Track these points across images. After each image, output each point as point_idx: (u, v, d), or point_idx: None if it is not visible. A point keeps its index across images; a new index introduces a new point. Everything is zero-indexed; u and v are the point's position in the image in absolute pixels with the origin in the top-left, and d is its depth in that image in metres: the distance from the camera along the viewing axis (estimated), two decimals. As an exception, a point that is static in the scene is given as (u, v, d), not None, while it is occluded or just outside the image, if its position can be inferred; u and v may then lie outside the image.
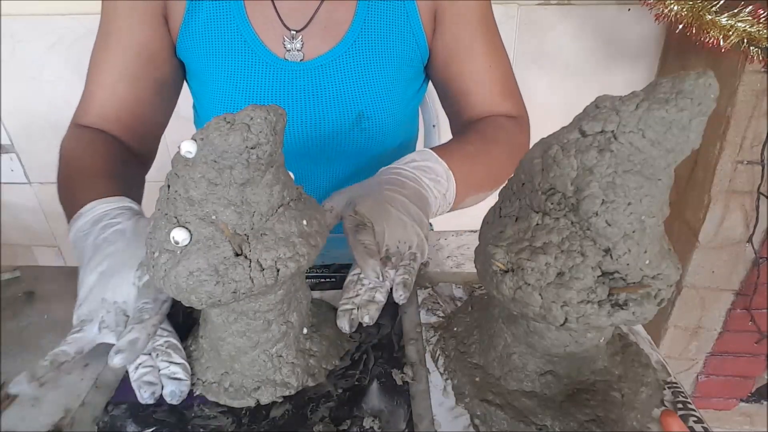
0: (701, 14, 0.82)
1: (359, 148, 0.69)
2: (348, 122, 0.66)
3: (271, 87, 0.65)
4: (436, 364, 0.47)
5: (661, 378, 0.44)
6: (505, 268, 0.35)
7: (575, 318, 0.33)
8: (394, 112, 0.68)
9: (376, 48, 0.65)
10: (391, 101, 0.67)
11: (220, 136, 0.33)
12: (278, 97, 0.65)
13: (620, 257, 0.32)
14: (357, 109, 0.66)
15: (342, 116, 0.66)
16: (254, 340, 0.43)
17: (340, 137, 0.68)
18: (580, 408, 0.39)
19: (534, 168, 0.35)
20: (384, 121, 0.68)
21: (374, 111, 0.66)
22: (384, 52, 0.65)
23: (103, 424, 0.42)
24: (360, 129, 0.67)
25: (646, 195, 0.31)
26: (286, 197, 0.39)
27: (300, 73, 0.65)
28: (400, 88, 0.69)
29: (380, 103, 0.67)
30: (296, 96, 0.65)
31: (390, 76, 0.66)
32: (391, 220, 0.49)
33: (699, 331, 1.25)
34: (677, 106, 0.29)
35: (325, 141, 0.68)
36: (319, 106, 0.66)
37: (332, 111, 0.66)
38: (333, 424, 0.41)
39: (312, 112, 0.66)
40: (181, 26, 0.65)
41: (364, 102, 0.66)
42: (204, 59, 0.66)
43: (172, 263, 0.37)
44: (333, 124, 0.66)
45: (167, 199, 0.38)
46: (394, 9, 0.65)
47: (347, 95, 0.65)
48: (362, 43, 0.64)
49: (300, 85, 0.65)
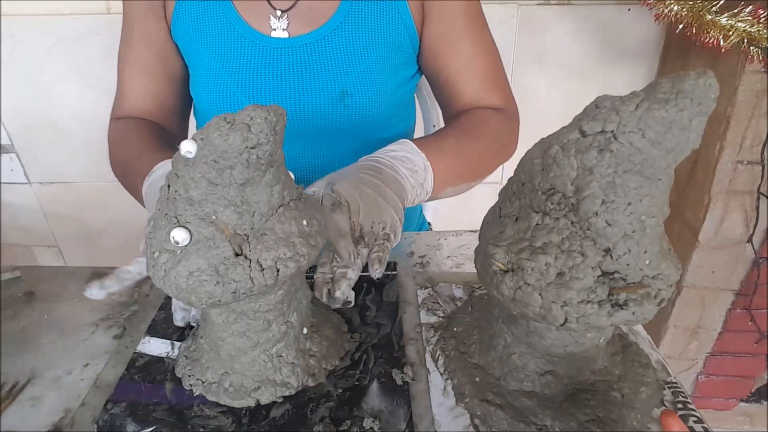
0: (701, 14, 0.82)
1: (343, 124, 0.70)
2: (332, 98, 0.68)
3: (257, 64, 0.67)
4: (436, 364, 0.47)
5: (661, 378, 0.44)
6: (505, 268, 0.35)
7: (575, 318, 0.33)
8: (379, 92, 0.70)
9: (362, 30, 0.67)
10: (377, 82, 0.69)
11: (220, 136, 0.33)
12: (264, 74, 0.67)
13: (620, 257, 0.32)
14: (340, 87, 0.68)
15: (326, 93, 0.68)
16: (254, 340, 0.43)
17: (324, 113, 0.69)
18: (580, 408, 0.39)
19: (534, 168, 0.35)
20: (369, 99, 0.69)
21: (358, 88, 0.68)
22: (370, 34, 0.67)
23: (103, 422, 0.42)
24: (344, 105, 0.69)
25: (646, 195, 0.31)
26: (286, 197, 0.39)
27: (285, 50, 0.67)
28: (387, 72, 0.70)
29: (364, 82, 0.68)
30: (281, 72, 0.68)
31: (376, 59, 0.68)
32: (367, 201, 0.50)
33: (699, 331, 1.25)
34: (677, 106, 0.29)
35: (310, 117, 0.70)
36: (303, 83, 0.68)
37: (316, 87, 0.68)
38: (333, 424, 0.41)
39: (297, 89, 0.68)
40: (173, 14, 0.68)
41: (348, 80, 0.68)
42: (193, 43, 0.69)
43: (172, 263, 0.37)
44: (317, 100, 0.68)
45: (167, 199, 0.38)
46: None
47: (331, 73, 0.67)
48: (349, 23, 0.67)
49: (285, 62, 0.67)
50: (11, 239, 1.51)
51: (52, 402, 0.45)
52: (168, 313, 0.54)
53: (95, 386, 0.46)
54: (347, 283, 0.46)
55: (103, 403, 0.44)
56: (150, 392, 0.45)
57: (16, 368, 0.48)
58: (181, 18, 0.68)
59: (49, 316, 0.55)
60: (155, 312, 0.54)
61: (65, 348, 0.51)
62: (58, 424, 0.43)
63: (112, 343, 0.51)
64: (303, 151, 0.73)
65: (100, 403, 0.44)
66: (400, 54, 0.71)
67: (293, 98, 0.68)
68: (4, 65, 1.22)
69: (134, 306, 0.56)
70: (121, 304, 0.57)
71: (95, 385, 0.46)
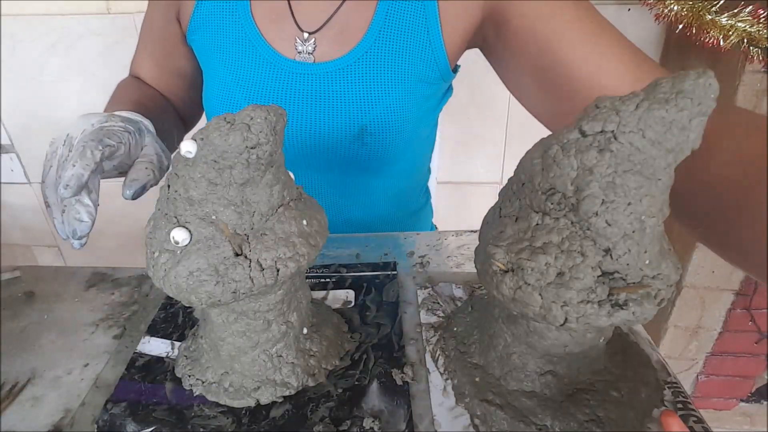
0: (701, 14, 0.82)
1: (361, 162, 0.67)
2: (350, 135, 0.64)
3: (274, 87, 0.64)
4: (436, 364, 0.47)
5: (661, 378, 0.44)
6: (505, 268, 0.35)
7: (575, 318, 0.33)
8: (401, 130, 0.65)
9: (389, 60, 0.62)
10: (398, 119, 0.64)
11: (220, 136, 0.34)
12: (281, 98, 0.64)
13: (620, 257, 0.32)
14: (360, 123, 0.63)
15: (344, 128, 0.64)
16: (254, 340, 0.43)
17: (341, 148, 0.66)
18: (580, 408, 0.39)
19: (534, 168, 0.35)
20: (389, 138, 0.65)
21: (378, 128, 0.64)
22: (397, 66, 0.62)
23: (103, 423, 0.42)
24: (362, 143, 0.65)
25: (646, 195, 0.31)
26: (286, 197, 0.39)
27: (306, 76, 0.63)
28: (410, 106, 0.65)
29: (385, 121, 0.64)
30: (300, 99, 0.64)
31: (399, 93, 0.63)
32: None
33: (699, 331, 1.25)
34: (677, 106, 0.29)
35: (327, 149, 0.66)
36: (321, 113, 0.64)
37: (335, 120, 0.64)
38: (333, 424, 0.41)
39: (315, 118, 0.64)
40: (189, 21, 0.66)
41: (368, 117, 0.63)
42: (209, 55, 0.66)
43: (172, 263, 0.37)
44: (335, 133, 0.64)
45: (167, 199, 0.38)
46: (414, 20, 0.61)
47: (352, 107, 0.63)
48: (376, 53, 0.62)
49: (305, 89, 0.63)
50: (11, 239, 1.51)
51: (52, 402, 0.45)
52: (168, 313, 0.54)
53: (95, 386, 0.46)
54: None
55: (103, 403, 0.44)
56: (150, 392, 0.45)
57: (16, 368, 0.48)
58: (198, 26, 0.66)
59: (49, 316, 0.55)
60: (155, 312, 0.54)
61: (65, 348, 0.51)
62: (58, 424, 0.43)
63: (112, 343, 0.51)
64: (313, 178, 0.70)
65: (100, 403, 0.44)
66: (427, 87, 0.65)
67: (310, 128, 0.64)
68: (4, 65, 1.22)
69: (134, 306, 0.56)
70: (121, 304, 0.57)
71: (95, 385, 0.46)
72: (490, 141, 1.35)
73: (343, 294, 0.56)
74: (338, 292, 0.56)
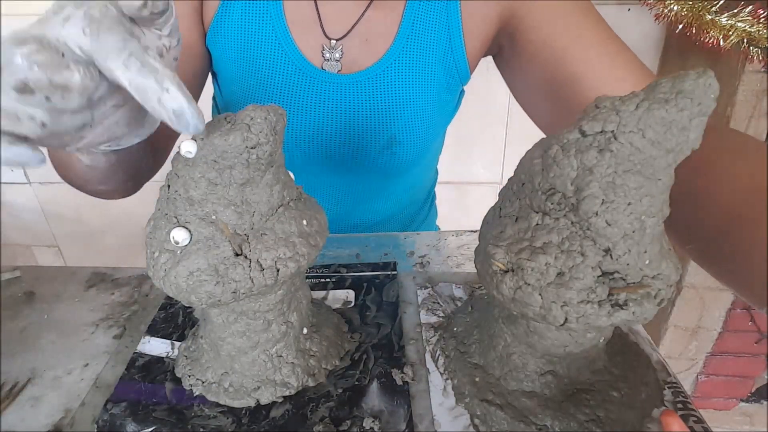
0: (701, 14, 0.82)
1: (388, 170, 0.67)
2: (379, 144, 0.64)
3: (303, 96, 0.62)
4: (436, 364, 0.47)
5: (661, 378, 0.44)
6: (505, 268, 0.35)
7: (575, 318, 0.33)
8: (426, 137, 0.66)
9: (415, 68, 0.62)
10: (425, 126, 0.65)
11: (220, 136, 0.34)
12: (309, 108, 0.62)
13: (620, 257, 0.32)
14: (389, 132, 0.63)
15: (373, 137, 0.64)
16: (254, 340, 0.43)
17: (369, 159, 0.65)
18: (580, 408, 0.39)
19: (534, 168, 0.35)
20: (416, 146, 0.65)
21: (406, 136, 0.64)
22: (422, 73, 0.62)
23: (103, 423, 0.42)
24: (391, 153, 0.64)
25: (646, 195, 0.31)
26: (286, 197, 0.39)
27: (336, 86, 0.62)
28: (435, 112, 0.65)
29: (413, 128, 0.64)
30: (329, 109, 0.63)
31: (425, 100, 0.63)
32: None
33: (699, 331, 1.25)
34: (677, 106, 0.29)
35: (354, 159, 0.66)
36: (351, 123, 0.63)
37: (364, 130, 0.63)
38: (333, 424, 0.41)
39: (344, 128, 0.63)
40: (212, 21, 0.61)
41: (397, 125, 0.63)
42: (234, 58, 0.63)
43: (172, 263, 0.37)
44: (363, 143, 0.64)
45: (167, 199, 0.38)
46: (438, 28, 0.61)
47: (381, 116, 0.63)
48: (402, 61, 0.61)
49: (334, 99, 0.62)
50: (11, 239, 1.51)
51: (52, 402, 0.45)
52: (168, 313, 0.54)
53: (95, 386, 0.46)
54: None
55: (103, 403, 0.44)
56: (150, 392, 0.45)
57: (16, 368, 0.48)
58: (222, 27, 0.61)
59: (49, 316, 0.55)
60: (155, 312, 0.54)
61: (65, 348, 0.51)
62: (58, 424, 0.43)
63: (112, 343, 0.51)
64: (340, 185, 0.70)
65: (100, 403, 0.44)
66: (448, 93, 0.66)
67: (338, 139, 0.64)
68: (4, 65, 1.22)
69: (134, 306, 0.56)
70: (121, 304, 0.57)
71: (95, 385, 0.46)
72: (490, 141, 1.35)
73: (343, 294, 0.56)
74: (338, 292, 0.56)
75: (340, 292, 0.56)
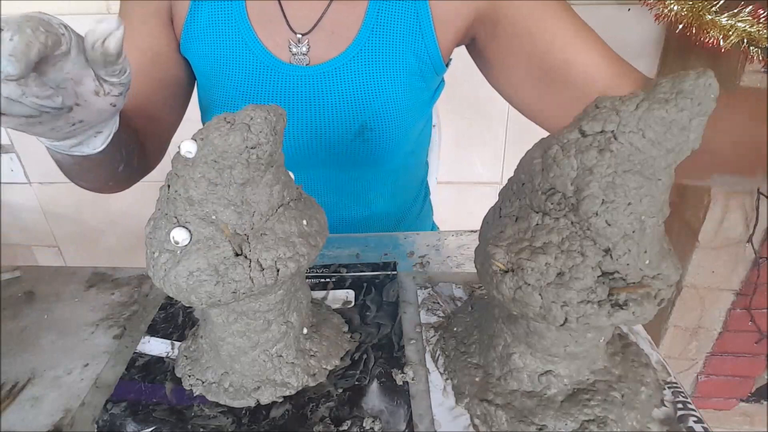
0: (701, 14, 0.82)
1: (361, 158, 0.68)
2: (351, 132, 0.65)
3: (273, 91, 0.64)
4: (436, 364, 0.47)
5: (661, 378, 0.44)
6: (505, 268, 0.35)
7: (575, 318, 0.33)
8: (400, 124, 0.66)
9: (384, 57, 0.63)
10: (397, 113, 0.65)
11: (220, 136, 0.34)
12: (281, 102, 0.64)
13: (620, 257, 0.32)
14: (360, 120, 0.64)
15: (345, 126, 0.65)
16: (254, 340, 0.43)
17: (341, 147, 0.66)
18: (580, 408, 0.39)
19: (534, 168, 0.35)
20: (388, 133, 0.66)
21: (378, 123, 0.65)
22: (392, 61, 0.63)
23: (103, 423, 0.42)
24: (363, 140, 0.65)
25: (646, 195, 0.31)
26: (286, 197, 0.39)
27: (304, 78, 0.63)
28: (407, 100, 0.66)
29: (384, 115, 0.65)
30: (299, 101, 0.64)
31: (396, 88, 0.64)
32: None
33: (699, 331, 1.25)
34: (677, 106, 0.29)
35: (327, 149, 0.67)
36: (322, 114, 0.64)
37: (335, 119, 0.65)
38: (333, 424, 0.41)
39: (314, 119, 0.65)
40: (183, 26, 0.64)
41: (367, 113, 0.64)
42: (206, 60, 0.65)
43: (172, 263, 0.37)
44: (335, 132, 0.65)
45: (167, 199, 0.38)
46: (406, 18, 0.62)
47: (351, 105, 0.64)
48: (370, 49, 0.63)
49: (303, 91, 0.64)
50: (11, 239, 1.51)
51: (52, 402, 0.45)
52: (168, 313, 0.54)
53: (95, 386, 0.46)
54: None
55: (103, 403, 0.44)
56: (150, 392, 0.45)
57: (16, 368, 0.48)
58: (192, 31, 0.64)
59: (49, 316, 0.55)
60: (155, 312, 0.54)
61: (65, 348, 0.51)
62: (58, 424, 0.43)
63: (112, 343, 0.51)
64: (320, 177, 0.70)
65: (100, 403, 0.44)
66: (421, 80, 0.67)
67: (310, 130, 0.65)
68: (4, 65, 1.22)
69: (134, 306, 0.56)
70: (121, 304, 0.57)
71: (95, 385, 0.46)
72: (490, 141, 1.35)
73: (343, 294, 0.56)
74: (338, 292, 0.56)
75: (340, 292, 0.56)
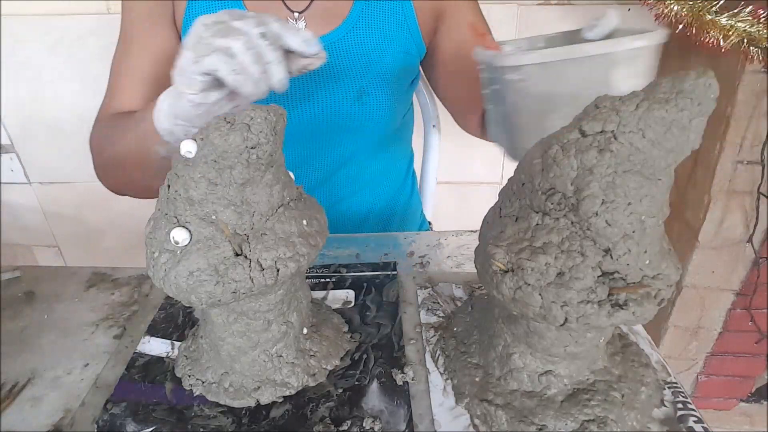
0: (701, 14, 0.82)
1: (359, 124, 0.71)
2: (349, 99, 0.69)
3: None
4: (436, 364, 0.47)
5: (661, 378, 0.44)
6: (505, 268, 0.35)
7: (575, 318, 0.33)
8: (393, 91, 0.71)
9: (375, 32, 0.68)
10: (392, 81, 0.70)
11: (220, 136, 0.34)
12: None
13: (620, 257, 0.32)
14: (358, 87, 0.69)
15: (344, 93, 0.69)
16: (254, 340, 0.43)
17: (341, 114, 0.70)
18: (580, 408, 0.39)
19: (534, 168, 0.35)
20: (384, 98, 0.71)
21: (375, 88, 0.69)
22: (383, 37, 0.68)
23: (103, 423, 0.42)
24: (360, 104, 0.70)
25: (646, 195, 0.31)
26: (286, 197, 0.39)
27: None
28: (398, 72, 0.71)
29: (381, 82, 0.69)
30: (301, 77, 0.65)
31: (389, 61, 0.69)
32: None
33: (699, 331, 1.25)
34: (677, 106, 0.29)
35: (328, 118, 0.70)
36: (322, 85, 0.68)
37: (335, 88, 0.68)
38: (333, 424, 0.41)
39: (316, 90, 0.68)
40: (183, 18, 0.66)
41: (365, 80, 0.68)
42: None
43: (172, 263, 0.37)
44: (336, 100, 0.69)
45: (167, 199, 0.38)
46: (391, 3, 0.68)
47: (349, 74, 0.68)
48: (362, 26, 0.67)
49: None
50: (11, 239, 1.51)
51: (52, 402, 0.45)
52: (168, 313, 0.54)
53: (95, 386, 0.46)
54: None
55: (103, 403, 0.44)
56: (150, 392, 0.45)
57: (16, 368, 0.48)
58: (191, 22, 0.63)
59: (49, 316, 0.55)
60: (155, 312, 0.54)
61: (65, 348, 0.51)
62: (58, 424, 0.43)
63: (112, 343, 0.51)
64: (321, 147, 0.73)
65: (100, 403, 0.44)
66: (408, 58, 0.72)
67: (312, 100, 0.68)
68: (4, 65, 1.22)
69: (134, 306, 0.56)
70: (121, 304, 0.57)
71: (95, 385, 0.46)
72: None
73: (343, 294, 0.56)
74: (338, 292, 0.56)
75: (340, 292, 0.56)
